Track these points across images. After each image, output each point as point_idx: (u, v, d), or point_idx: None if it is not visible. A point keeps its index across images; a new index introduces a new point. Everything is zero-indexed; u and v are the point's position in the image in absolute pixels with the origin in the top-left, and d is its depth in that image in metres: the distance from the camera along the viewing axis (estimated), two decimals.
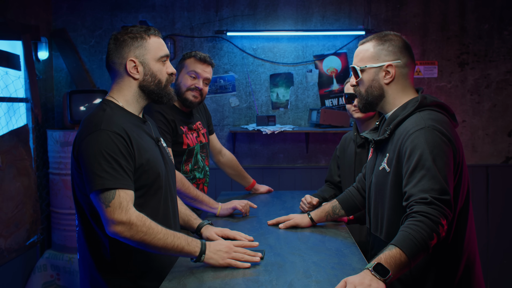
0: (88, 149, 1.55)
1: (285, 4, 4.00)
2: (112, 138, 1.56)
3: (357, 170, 2.42)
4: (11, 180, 3.35)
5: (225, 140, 4.06)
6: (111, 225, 1.50)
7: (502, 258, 4.03)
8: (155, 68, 1.69)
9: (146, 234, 1.52)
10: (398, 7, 3.98)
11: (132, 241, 1.53)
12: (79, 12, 4.02)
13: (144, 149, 1.66)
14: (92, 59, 4.04)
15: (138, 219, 1.52)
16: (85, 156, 1.55)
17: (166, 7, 4.01)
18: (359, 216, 2.34)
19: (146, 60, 1.68)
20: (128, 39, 1.68)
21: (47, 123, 3.91)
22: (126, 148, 1.59)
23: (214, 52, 4.02)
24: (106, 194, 1.51)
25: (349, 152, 2.51)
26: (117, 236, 1.52)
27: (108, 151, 1.54)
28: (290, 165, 4.06)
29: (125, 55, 1.68)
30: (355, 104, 2.39)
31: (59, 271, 3.60)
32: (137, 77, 1.69)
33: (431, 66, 4.00)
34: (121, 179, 1.54)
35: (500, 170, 4.01)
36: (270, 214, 2.38)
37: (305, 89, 4.04)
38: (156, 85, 1.70)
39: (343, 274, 1.53)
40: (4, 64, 3.34)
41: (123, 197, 1.52)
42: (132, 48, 1.68)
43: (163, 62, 1.71)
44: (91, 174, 1.53)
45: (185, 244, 1.57)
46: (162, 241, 1.54)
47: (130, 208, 1.52)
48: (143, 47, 1.68)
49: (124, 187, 1.54)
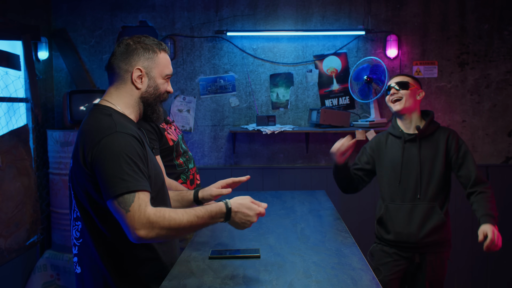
0: (106, 152, 1.50)
1: (285, 4, 4.00)
2: (130, 140, 1.54)
3: (404, 166, 2.48)
4: (11, 180, 3.35)
5: (225, 140, 4.06)
6: (134, 231, 1.45)
7: (502, 258, 4.03)
8: (158, 82, 1.71)
9: (170, 226, 1.48)
10: (398, 7, 3.98)
11: (161, 238, 1.49)
12: (79, 12, 4.02)
13: (151, 155, 1.68)
14: (92, 59, 4.04)
15: (156, 215, 1.47)
16: (103, 160, 1.50)
17: (166, 7, 4.01)
18: None
19: (152, 73, 1.69)
20: (140, 48, 1.68)
21: (47, 123, 3.91)
22: (142, 151, 1.58)
23: (214, 52, 4.02)
24: (127, 197, 1.46)
25: (392, 149, 2.54)
26: (143, 240, 1.47)
27: (127, 153, 1.51)
28: (290, 165, 4.06)
29: (133, 63, 1.67)
30: (394, 91, 2.53)
31: (59, 271, 3.61)
32: (140, 87, 1.69)
33: (431, 66, 4.00)
34: (141, 181, 1.51)
35: (500, 170, 4.01)
36: (270, 214, 2.38)
37: (305, 89, 4.04)
38: (154, 99, 1.72)
39: (343, 274, 1.53)
40: (4, 64, 3.34)
41: (142, 199, 1.48)
42: (142, 58, 1.68)
43: (167, 80, 1.74)
44: (111, 178, 1.47)
45: (209, 219, 1.56)
46: (189, 224, 1.51)
47: (147, 208, 1.47)
48: (153, 60, 1.69)
49: (144, 189, 1.50)
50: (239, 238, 1.97)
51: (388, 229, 2.50)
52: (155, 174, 1.66)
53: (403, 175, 2.48)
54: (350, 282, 1.47)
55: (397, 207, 2.47)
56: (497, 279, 4.04)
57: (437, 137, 2.50)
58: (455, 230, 4.03)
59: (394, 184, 2.49)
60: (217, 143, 4.06)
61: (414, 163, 2.47)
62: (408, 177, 2.47)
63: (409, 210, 2.45)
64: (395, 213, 2.48)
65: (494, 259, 4.03)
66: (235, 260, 1.69)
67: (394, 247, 2.49)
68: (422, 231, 2.44)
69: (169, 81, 1.77)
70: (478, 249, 4.03)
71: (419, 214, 2.44)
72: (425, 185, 2.45)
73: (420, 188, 2.45)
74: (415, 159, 2.47)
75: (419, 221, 2.44)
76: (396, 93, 2.48)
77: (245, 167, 4.03)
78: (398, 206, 2.47)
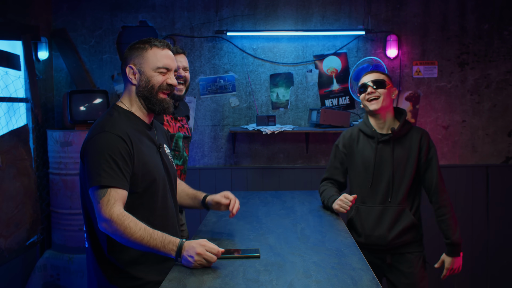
0: (92, 148, 1.68)
1: (285, 4, 4.00)
2: (113, 140, 1.68)
3: (377, 168, 2.42)
4: (11, 180, 3.35)
5: (225, 140, 4.06)
6: (99, 221, 1.64)
7: (502, 258, 4.03)
8: (149, 75, 1.81)
9: (124, 233, 1.61)
10: (398, 7, 3.98)
11: (115, 236, 1.64)
12: (79, 12, 4.02)
13: (143, 154, 1.76)
14: (92, 59, 4.04)
15: (118, 218, 1.61)
16: (89, 154, 1.68)
17: (166, 7, 4.01)
18: None
19: (143, 68, 1.81)
20: (133, 49, 1.83)
21: (47, 123, 3.91)
22: (127, 150, 1.70)
23: (214, 52, 4.02)
24: (100, 191, 1.63)
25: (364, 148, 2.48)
26: (104, 231, 1.65)
27: (108, 151, 1.66)
28: (290, 165, 4.06)
29: (127, 63, 1.83)
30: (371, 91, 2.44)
31: (59, 271, 3.60)
32: (134, 82, 1.82)
33: (431, 66, 4.00)
34: (116, 178, 1.65)
35: (500, 170, 4.01)
36: (270, 214, 2.38)
37: (305, 89, 4.04)
38: (148, 91, 1.81)
39: (343, 274, 1.53)
40: (4, 64, 3.34)
41: (112, 195, 1.63)
42: (133, 56, 1.82)
43: (161, 73, 1.81)
44: (91, 171, 1.65)
45: (160, 246, 1.64)
46: (139, 240, 1.62)
47: (114, 206, 1.62)
48: (142, 56, 1.81)
49: (117, 186, 1.64)
50: (239, 238, 1.97)
51: (359, 232, 2.45)
52: (143, 172, 1.75)
53: (375, 177, 2.42)
54: (350, 282, 1.47)
55: (367, 209, 2.43)
56: (497, 279, 4.04)
57: (410, 138, 2.44)
58: None
59: (366, 186, 2.44)
60: (217, 143, 4.06)
61: (387, 166, 2.41)
62: (380, 179, 2.41)
63: (380, 212, 2.41)
64: (365, 215, 2.43)
65: (494, 259, 4.03)
66: (235, 260, 1.69)
67: (365, 249, 2.40)
68: (391, 233, 2.40)
69: (170, 73, 1.84)
70: (478, 249, 4.04)
71: (389, 217, 2.40)
72: (396, 188, 2.41)
73: (391, 191, 2.40)
74: (388, 161, 2.41)
75: (388, 224, 2.40)
76: (373, 92, 2.40)
77: (245, 167, 4.03)
78: (369, 208, 2.42)
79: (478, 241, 4.03)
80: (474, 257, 4.03)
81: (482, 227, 4.02)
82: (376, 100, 2.40)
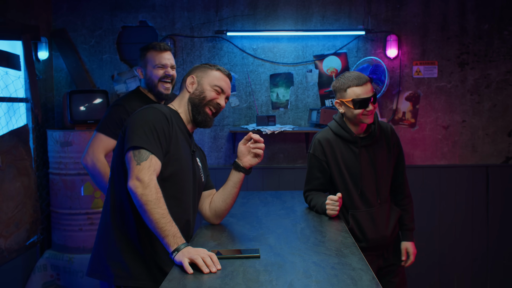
0: (137, 117, 1.80)
1: (285, 4, 4.00)
2: (160, 116, 1.81)
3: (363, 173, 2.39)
4: (11, 180, 3.35)
5: (225, 140, 4.06)
6: (133, 179, 1.67)
7: (502, 258, 4.03)
8: (205, 87, 1.97)
9: (151, 202, 1.64)
10: (398, 7, 3.98)
11: (139, 199, 1.65)
12: (79, 12, 4.02)
13: (178, 143, 1.86)
14: (92, 59, 4.04)
15: (155, 186, 1.67)
16: (133, 122, 1.78)
17: (166, 7, 4.01)
18: None
19: (201, 81, 1.98)
20: (200, 67, 2.03)
21: (47, 123, 3.91)
22: (168, 129, 1.81)
23: (214, 52, 4.02)
24: (142, 153, 1.71)
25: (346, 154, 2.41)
26: (131, 190, 1.66)
27: (152, 123, 1.77)
28: (290, 165, 4.06)
29: (189, 73, 2.02)
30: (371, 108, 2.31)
31: (59, 271, 3.61)
32: (190, 90, 1.98)
33: (431, 66, 4.00)
34: (157, 148, 1.74)
35: (500, 170, 4.01)
36: (270, 214, 2.38)
37: (305, 89, 4.04)
38: (199, 99, 1.96)
39: (343, 274, 1.53)
40: (4, 64, 3.34)
41: (153, 163, 1.71)
42: (197, 70, 2.01)
43: (215, 90, 1.97)
44: (134, 135, 1.73)
45: (171, 235, 1.64)
46: (158, 217, 1.64)
47: (153, 175, 1.69)
48: (204, 72, 2.00)
49: (157, 156, 1.73)
50: (239, 238, 1.97)
51: (359, 237, 2.40)
52: (174, 157, 1.84)
53: (363, 182, 2.39)
54: (350, 282, 1.47)
55: (362, 214, 2.40)
56: (497, 279, 4.04)
57: (383, 135, 2.44)
58: (454, 232, 4.03)
59: (355, 192, 2.39)
60: (217, 143, 4.06)
61: (372, 168, 2.39)
62: (368, 183, 2.39)
63: (374, 214, 2.40)
64: (362, 220, 2.40)
65: (494, 259, 4.03)
66: (235, 260, 1.69)
67: (367, 251, 2.37)
68: (388, 230, 2.44)
69: (222, 96, 2.01)
70: (478, 249, 4.04)
71: (383, 216, 2.42)
72: (384, 187, 2.43)
73: (379, 192, 2.41)
74: (372, 163, 2.39)
75: (385, 223, 2.42)
76: (372, 110, 2.30)
77: None
78: (363, 212, 2.40)
79: (478, 241, 4.03)
80: (474, 257, 4.03)
81: (482, 227, 4.02)
82: (373, 114, 2.34)
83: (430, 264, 4.04)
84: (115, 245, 1.82)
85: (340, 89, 2.34)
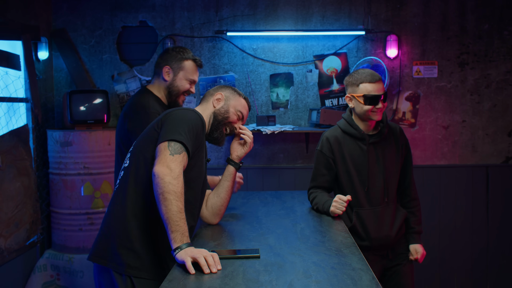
0: (179, 114, 1.85)
1: (285, 4, 4.00)
2: (199, 120, 1.89)
3: (371, 170, 2.40)
4: (11, 180, 3.35)
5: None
6: (163, 166, 1.67)
7: (502, 258, 4.03)
8: (230, 110, 2.09)
9: (175, 193, 1.65)
10: (398, 7, 3.98)
11: (163, 185, 1.64)
12: (79, 12, 4.02)
13: (202, 150, 1.94)
14: (92, 59, 4.04)
15: (180, 180, 1.68)
16: (174, 117, 1.84)
17: (166, 7, 4.01)
18: None
19: (228, 102, 2.10)
20: (229, 88, 2.13)
21: (47, 123, 3.91)
22: (201, 135, 1.90)
23: (214, 52, 4.02)
24: (178, 146, 1.74)
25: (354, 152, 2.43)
26: (158, 175, 1.65)
27: (193, 125, 1.84)
28: (290, 165, 4.06)
29: (218, 90, 2.13)
30: (381, 106, 2.33)
31: (59, 271, 3.61)
32: (215, 105, 2.09)
33: (431, 66, 4.00)
34: (190, 148, 1.80)
35: (500, 170, 4.01)
36: (270, 214, 2.38)
37: (305, 89, 4.04)
38: (222, 117, 2.07)
39: (343, 274, 1.53)
40: (4, 64, 3.34)
41: (184, 159, 1.76)
42: (226, 91, 2.12)
43: (238, 115, 2.10)
44: (175, 129, 1.78)
45: (180, 231, 1.63)
46: (174, 209, 1.63)
47: (182, 170, 1.73)
48: (233, 96, 2.11)
49: (188, 155, 1.79)
50: (239, 238, 1.97)
51: (362, 236, 2.41)
52: (198, 163, 1.91)
53: (370, 180, 2.40)
54: (350, 282, 1.47)
55: (367, 212, 2.40)
56: (497, 279, 4.04)
57: (392, 134, 2.46)
58: (454, 232, 4.03)
59: (361, 189, 2.40)
60: None
61: (380, 166, 2.40)
62: (375, 181, 2.40)
63: (380, 213, 2.40)
64: (366, 218, 2.40)
65: (494, 259, 4.03)
66: (235, 260, 1.69)
67: (369, 251, 2.40)
68: (393, 231, 2.43)
69: (240, 122, 2.15)
70: (478, 249, 4.03)
71: (389, 216, 2.42)
72: (391, 187, 2.43)
73: (387, 191, 2.41)
74: (380, 161, 2.40)
75: (390, 223, 2.41)
76: (382, 108, 2.35)
77: (245, 167, 4.03)
78: (368, 211, 2.40)
79: (478, 241, 4.03)
80: (474, 257, 4.03)
81: (482, 227, 4.02)
82: (381, 112, 2.37)
83: (430, 264, 4.04)
84: (130, 235, 1.79)
85: (352, 84, 2.38)
